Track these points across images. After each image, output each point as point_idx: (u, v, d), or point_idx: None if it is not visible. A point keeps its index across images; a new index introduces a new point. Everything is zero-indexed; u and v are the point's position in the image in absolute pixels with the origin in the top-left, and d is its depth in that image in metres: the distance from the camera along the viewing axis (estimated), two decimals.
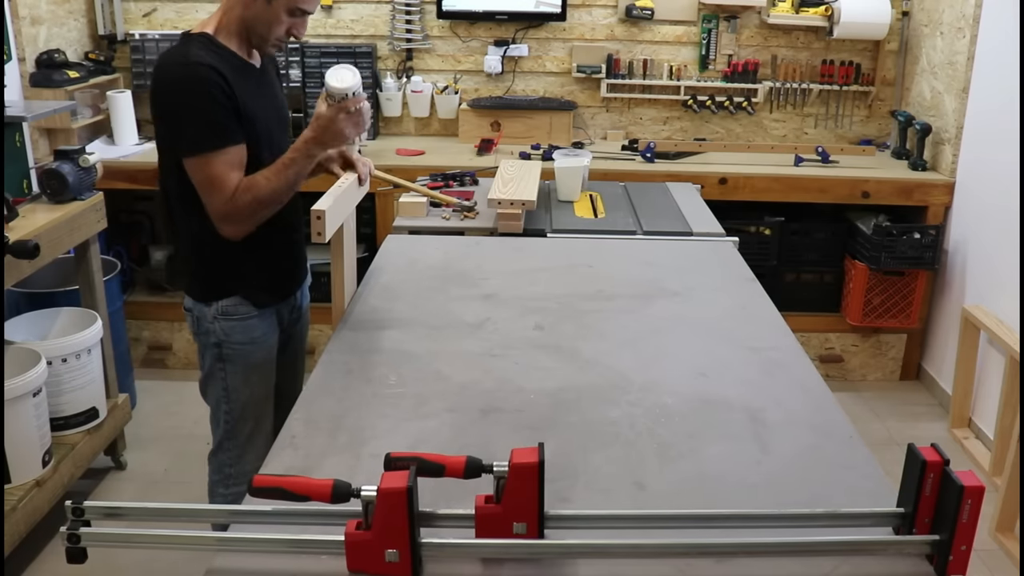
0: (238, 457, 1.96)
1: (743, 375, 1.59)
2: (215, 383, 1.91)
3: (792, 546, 1.08)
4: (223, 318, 1.85)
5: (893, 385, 3.62)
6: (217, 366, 1.89)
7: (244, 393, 1.91)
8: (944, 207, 3.40)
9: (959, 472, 1.04)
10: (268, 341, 1.93)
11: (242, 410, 1.92)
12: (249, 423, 1.95)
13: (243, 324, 1.86)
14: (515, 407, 1.46)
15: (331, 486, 1.02)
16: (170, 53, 1.77)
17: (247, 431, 1.95)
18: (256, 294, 1.87)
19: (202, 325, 1.87)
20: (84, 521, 1.04)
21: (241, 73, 1.76)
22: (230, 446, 1.96)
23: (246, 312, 1.86)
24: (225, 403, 1.92)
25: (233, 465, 1.97)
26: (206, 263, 1.85)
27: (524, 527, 1.05)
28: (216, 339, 1.87)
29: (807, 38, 3.75)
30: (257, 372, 1.91)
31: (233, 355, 1.87)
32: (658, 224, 2.43)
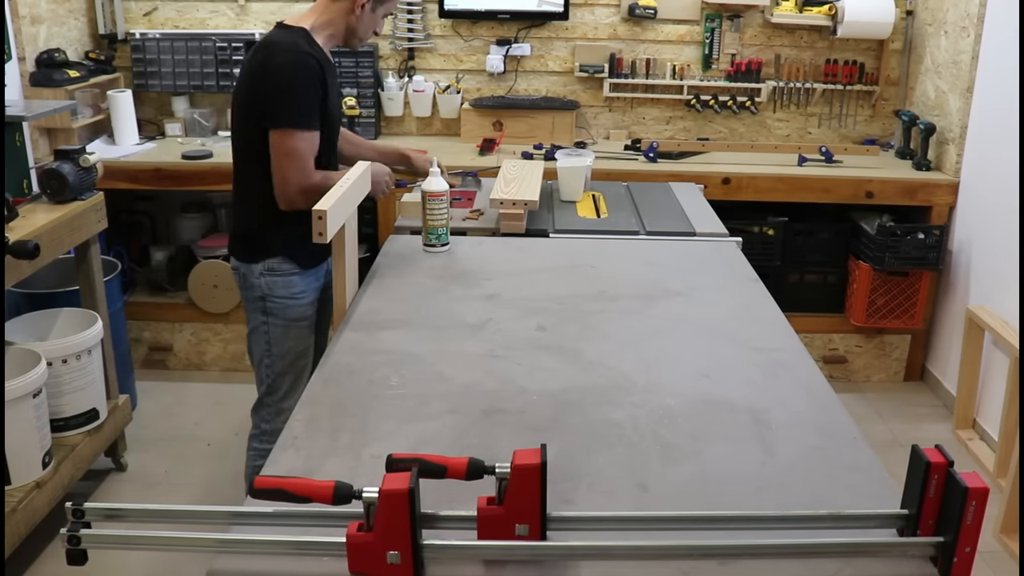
0: (275, 415, 2.14)
1: (746, 376, 1.59)
2: (259, 335, 2.12)
3: (796, 548, 1.08)
4: (268, 274, 2.08)
5: (897, 386, 3.61)
6: (261, 319, 2.11)
7: (284, 345, 2.11)
8: (948, 207, 3.40)
9: (963, 474, 1.03)
10: (306, 299, 2.13)
11: (282, 364, 2.12)
12: (288, 378, 2.13)
13: (285, 280, 2.09)
14: (517, 408, 1.45)
15: (332, 487, 1.02)
16: (278, 38, 1.99)
17: (285, 386, 2.14)
18: (298, 255, 2.09)
19: (248, 280, 2.10)
20: (84, 523, 1.04)
21: (328, 68, 2.03)
22: (270, 402, 2.15)
23: (288, 270, 2.09)
24: (267, 356, 2.12)
25: (271, 420, 2.15)
26: (255, 226, 2.09)
27: (526, 529, 1.05)
28: (260, 293, 2.09)
29: (811, 37, 3.75)
30: (296, 326, 2.12)
31: (275, 308, 2.10)
32: (661, 224, 2.42)
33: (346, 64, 3.62)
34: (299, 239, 1.98)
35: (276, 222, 2.06)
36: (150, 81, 3.60)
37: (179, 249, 3.71)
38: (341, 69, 3.62)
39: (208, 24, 3.68)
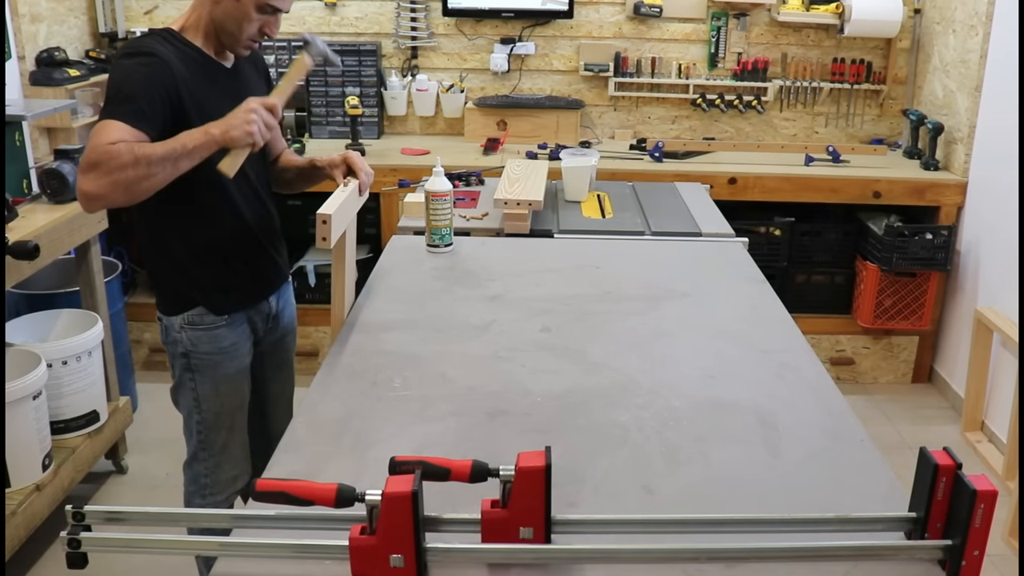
0: (215, 467, 1.93)
1: (753, 378, 1.58)
2: (185, 393, 1.88)
3: (803, 551, 1.07)
4: (189, 328, 1.82)
5: (905, 388, 3.59)
6: (186, 376, 1.86)
7: (215, 403, 1.88)
8: (956, 207, 3.38)
9: (972, 476, 1.03)
10: (239, 351, 1.88)
11: (214, 420, 1.89)
12: (222, 433, 1.91)
13: (210, 334, 1.82)
14: (522, 410, 1.45)
15: (335, 490, 1.02)
16: (126, 45, 1.72)
17: (221, 441, 1.91)
18: (216, 302, 1.82)
19: (170, 335, 1.84)
20: (85, 526, 1.03)
21: (203, 71, 1.70)
22: (205, 456, 1.92)
23: (212, 322, 1.82)
24: (197, 413, 1.89)
25: (209, 475, 1.93)
26: (166, 273, 1.82)
27: (531, 532, 1.05)
28: (184, 349, 1.83)
29: (818, 36, 3.73)
30: (227, 382, 1.87)
31: (201, 365, 1.84)
32: (666, 225, 2.41)
33: (349, 63, 3.61)
34: (216, 280, 1.81)
35: (186, 263, 1.78)
36: None
37: None
38: (344, 68, 3.61)
39: None
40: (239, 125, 1.57)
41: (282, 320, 2.02)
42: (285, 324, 2.04)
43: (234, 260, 1.82)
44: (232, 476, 1.93)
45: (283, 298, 2.01)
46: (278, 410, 2.09)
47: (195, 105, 1.65)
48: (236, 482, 1.93)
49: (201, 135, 1.57)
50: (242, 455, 1.95)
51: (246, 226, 1.82)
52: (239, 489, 1.93)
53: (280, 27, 1.76)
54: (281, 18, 1.75)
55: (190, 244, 1.77)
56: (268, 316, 1.96)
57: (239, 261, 1.83)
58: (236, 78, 1.79)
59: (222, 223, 1.77)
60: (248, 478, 1.95)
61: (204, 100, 1.67)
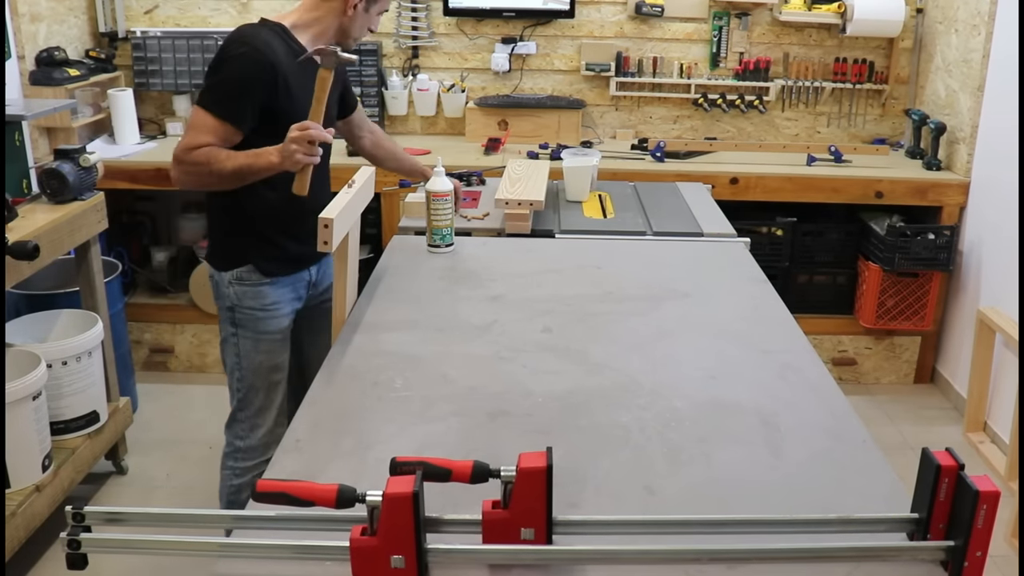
0: (250, 429, 2.05)
1: (754, 378, 1.58)
2: (229, 347, 2.03)
3: (804, 552, 1.07)
4: (237, 283, 1.98)
5: (907, 388, 3.59)
6: (230, 330, 2.01)
7: (255, 359, 2.01)
8: (959, 207, 3.37)
9: (974, 477, 1.03)
10: (280, 311, 2.02)
11: (253, 378, 2.02)
12: (260, 394, 2.03)
13: (255, 290, 1.98)
14: (523, 411, 1.45)
15: (336, 491, 1.01)
16: (239, 29, 1.88)
17: (258, 402, 2.04)
18: (264, 264, 1.98)
19: (220, 289, 2.00)
20: (84, 527, 1.03)
21: (303, 70, 1.86)
22: (242, 416, 2.05)
23: (258, 279, 1.98)
24: (238, 369, 2.03)
25: (245, 437, 2.06)
26: (225, 232, 2.00)
27: (532, 533, 1.04)
28: (230, 303, 1.99)
29: (820, 35, 3.72)
30: (267, 340, 2.01)
31: (244, 320, 1.99)
32: (668, 225, 2.41)
33: None
34: (270, 246, 1.98)
35: (244, 228, 1.97)
36: (151, 80, 3.59)
37: (180, 250, 3.70)
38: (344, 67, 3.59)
39: (210, 22, 3.67)
40: (288, 155, 1.77)
41: (320, 287, 2.14)
42: (324, 292, 2.14)
43: (290, 228, 1.97)
44: (265, 443, 2.03)
45: (322, 269, 2.13)
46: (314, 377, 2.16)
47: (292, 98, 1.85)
48: (268, 450, 2.01)
49: (265, 163, 1.80)
50: (276, 424, 2.04)
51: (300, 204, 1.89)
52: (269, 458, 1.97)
53: None
54: None
55: (259, 209, 1.94)
56: (308, 283, 2.10)
57: (293, 230, 1.97)
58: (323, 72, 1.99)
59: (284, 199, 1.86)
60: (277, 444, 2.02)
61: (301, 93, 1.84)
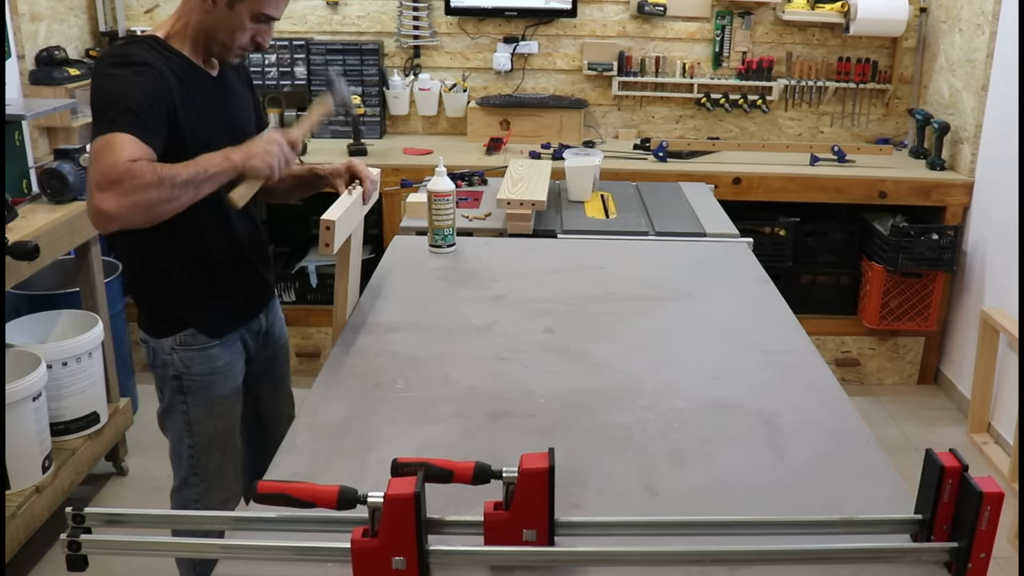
0: (205, 492, 1.84)
1: (757, 379, 1.57)
2: (175, 417, 1.80)
3: (808, 553, 1.07)
4: (182, 349, 1.74)
5: (911, 389, 3.58)
6: (178, 399, 1.78)
7: (208, 426, 1.80)
8: (963, 207, 3.36)
9: (978, 478, 1.02)
10: (232, 370, 1.81)
11: (207, 443, 1.81)
12: (215, 456, 1.83)
13: (203, 354, 1.75)
14: (525, 411, 1.44)
15: (337, 492, 1.01)
16: (107, 51, 1.63)
17: (213, 465, 1.84)
18: (211, 324, 1.75)
19: (159, 357, 1.76)
20: (85, 528, 1.03)
21: (190, 80, 1.62)
22: (196, 481, 1.83)
23: (205, 342, 1.75)
24: (188, 437, 1.81)
25: (200, 500, 1.84)
26: (155, 295, 1.74)
27: (534, 534, 1.04)
28: (175, 371, 1.75)
29: (823, 35, 3.72)
30: (221, 403, 1.81)
31: (194, 387, 1.76)
32: (671, 225, 2.40)
33: (351, 62, 3.61)
34: (208, 300, 1.75)
35: (178, 283, 1.71)
36: None
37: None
38: (346, 67, 3.60)
39: None
40: (260, 155, 1.53)
41: (272, 335, 1.96)
42: (276, 339, 1.98)
43: (226, 278, 1.77)
44: (224, 499, 1.86)
45: (272, 313, 1.95)
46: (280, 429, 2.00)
47: (187, 118, 1.59)
48: (227, 504, 1.86)
49: (222, 160, 1.51)
50: (234, 478, 1.88)
51: (236, 242, 1.76)
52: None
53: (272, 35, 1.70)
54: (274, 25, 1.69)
55: (182, 261, 1.71)
56: (259, 333, 1.91)
57: (230, 279, 1.78)
58: (222, 87, 1.72)
59: (214, 238, 1.72)
60: (238, 500, 1.89)
61: (194, 112, 1.61)
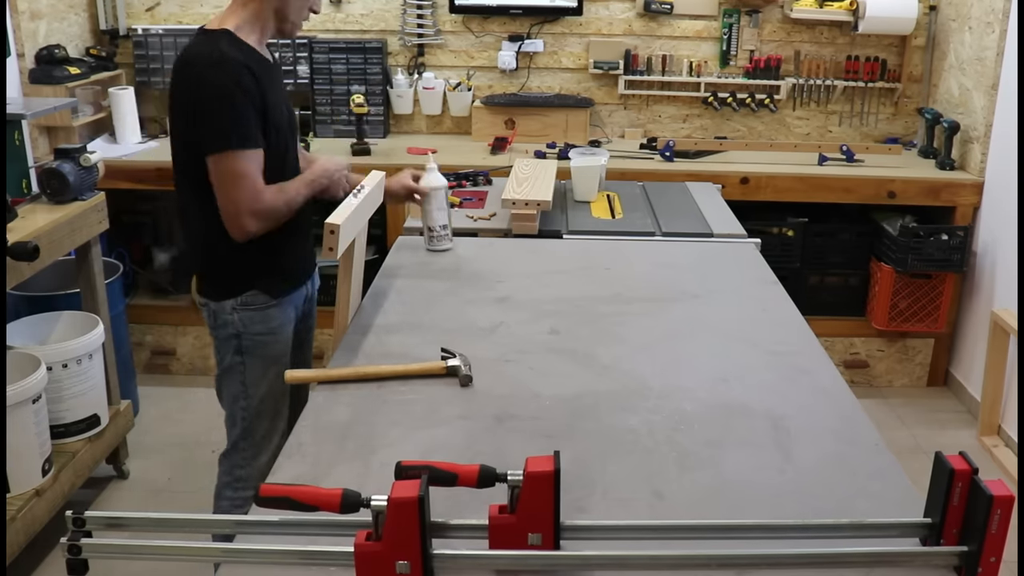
0: (252, 457, 1.94)
1: (765, 381, 1.57)
2: (233, 378, 1.90)
3: (816, 557, 1.06)
4: (242, 308, 1.86)
5: (920, 391, 3.56)
6: (236, 359, 1.89)
7: (262, 388, 1.91)
8: (973, 207, 3.34)
9: (988, 481, 1.02)
10: (286, 332, 1.94)
11: (259, 405, 1.92)
12: (265, 421, 1.94)
13: (262, 314, 1.88)
14: (530, 414, 1.44)
15: (340, 496, 1.01)
16: (198, 49, 1.75)
17: (263, 429, 1.94)
18: (273, 284, 1.89)
19: (220, 317, 1.87)
20: (85, 532, 1.02)
21: (265, 71, 1.78)
22: (245, 445, 1.94)
23: (264, 302, 1.88)
24: (243, 399, 1.91)
25: (245, 466, 1.95)
26: (222, 261, 1.86)
27: (539, 538, 1.04)
28: (235, 330, 1.87)
29: (831, 33, 3.70)
30: (276, 365, 1.91)
31: (253, 347, 1.88)
32: (677, 225, 2.40)
33: (354, 60, 3.60)
34: (271, 265, 1.89)
35: (240, 253, 1.83)
36: (152, 78, 3.57)
37: (182, 251, 3.68)
38: (348, 66, 3.59)
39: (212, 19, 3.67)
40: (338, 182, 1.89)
41: (313, 303, 2.10)
42: (313, 308, 2.11)
43: (285, 243, 1.89)
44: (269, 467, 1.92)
45: (314, 282, 2.09)
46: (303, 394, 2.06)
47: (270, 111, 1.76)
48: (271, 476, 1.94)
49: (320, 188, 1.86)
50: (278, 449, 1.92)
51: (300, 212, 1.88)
52: None
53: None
54: None
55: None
56: (307, 298, 2.04)
57: (289, 244, 1.90)
58: (278, 70, 1.92)
59: None
60: None
61: (268, 98, 1.76)
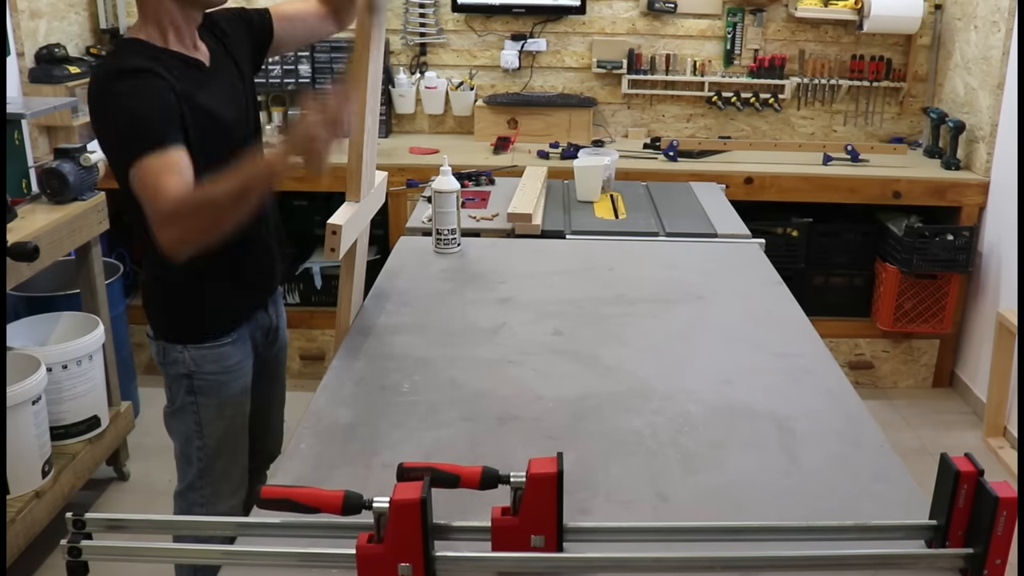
0: (212, 495, 1.81)
1: (769, 382, 1.56)
2: (185, 417, 1.76)
3: (821, 559, 1.06)
4: (193, 347, 1.71)
5: (925, 392, 3.54)
6: (188, 399, 1.75)
7: (218, 427, 1.77)
8: (978, 207, 3.33)
9: (994, 483, 1.02)
10: (243, 369, 1.79)
11: (216, 445, 1.79)
12: (223, 458, 1.81)
13: (215, 352, 1.72)
14: (533, 415, 1.43)
15: (342, 497, 1.01)
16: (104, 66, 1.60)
17: (221, 467, 1.81)
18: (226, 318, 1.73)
19: (169, 355, 1.72)
20: (85, 534, 1.02)
21: (188, 73, 1.58)
22: (202, 484, 1.80)
23: (218, 341, 1.72)
24: (198, 439, 1.78)
25: (205, 505, 1.81)
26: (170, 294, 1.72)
27: (542, 540, 1.03)
28: (186, 369, 1.72)
29: (836, 32, 3.69)
30: (232, 403, 1.78)
31: (206, 386, 1.73)
32: (681, 225, 2.39)
33: None
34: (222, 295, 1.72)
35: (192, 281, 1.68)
36: None
37: None
38: None
39: None
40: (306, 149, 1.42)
41: (279, 333, 1.94)
42: (281, 337, 1.96)
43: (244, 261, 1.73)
44: (232, 504, 1.85)
45: (276, 308, 1.91)
46: (270, 429, 2.02)
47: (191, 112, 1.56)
48: (233, 509, 1.85)
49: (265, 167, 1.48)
50: (240, 481, 1.87)
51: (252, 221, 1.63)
52: None
53: None
54: None
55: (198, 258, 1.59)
56: (268, 329, 1.88)
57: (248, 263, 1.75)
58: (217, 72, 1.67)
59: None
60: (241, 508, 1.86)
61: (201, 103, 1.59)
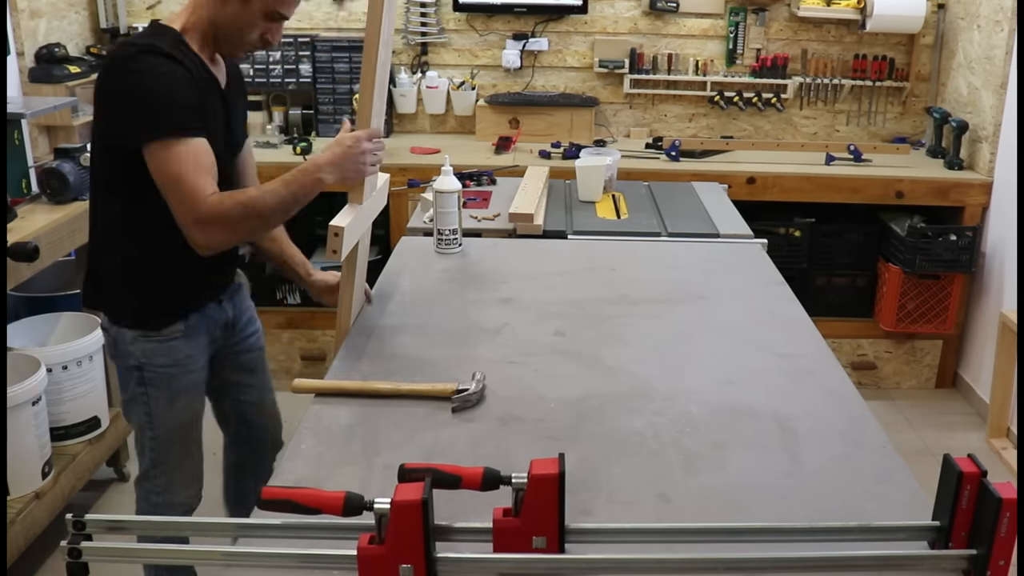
0: (166, 485, 1.83)
1: (772, 383, 1.56)
2: (137, 408, 1.78)
3: (823, 561, 1.06)
4: (143, 340, 1.71)
5: (928, 393, 3.54)
6: (139, 390, 1.75)
7: (169, 419, 1.79)
8: (981, 208, 3.32)
9: (997, 484, 1.01)
10: (195, 364, 1.78)
11: (168, 436, 1.80)
12: (175, 449, 1.83)
13: (165, 346, 1.72)
14: (535, 416, 1.43)
15: (343, 498, 1.00)
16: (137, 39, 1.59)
17: (173, 459, 1.83)
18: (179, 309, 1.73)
19: (120, 347, 1.73)
20: (86, 535, 1.02)
21: (204, 87, 1.61)
22: (156, 473, 1.83)
23: (169, 333, 1.72)
24: (149, 429, 1.79)
25: (161, 493, 1.83)
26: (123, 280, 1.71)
27: (544, 541, 1.03)
28: (136, 362, 1.73)
29: (838, 31, 3.68)
30: (183, 396, 1.78)
31: (155, 378, 1.74)
32: (683, 225, 2.39)
33: (356, 59, 3.56)
34: (177, 286, 1.71)
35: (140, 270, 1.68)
36: None
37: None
38: (351, 64, 3.56)
39: None
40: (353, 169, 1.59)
41: (240, 325, 1.92)
42: (243, 327, 1.94)
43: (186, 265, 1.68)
44: (186, 497, 1.86)
45: (234, 303, 1.90)
46: (263, 417, 2.02)
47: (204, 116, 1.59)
48: (190, 500, 1.86)
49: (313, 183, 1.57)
50: (193, 475, 1.89)
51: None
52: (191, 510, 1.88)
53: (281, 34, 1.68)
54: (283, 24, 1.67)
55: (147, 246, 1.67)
56: (226, 324, 1.87)
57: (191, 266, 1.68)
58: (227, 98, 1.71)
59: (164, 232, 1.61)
60: (199, 499, 1.89)
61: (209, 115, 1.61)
